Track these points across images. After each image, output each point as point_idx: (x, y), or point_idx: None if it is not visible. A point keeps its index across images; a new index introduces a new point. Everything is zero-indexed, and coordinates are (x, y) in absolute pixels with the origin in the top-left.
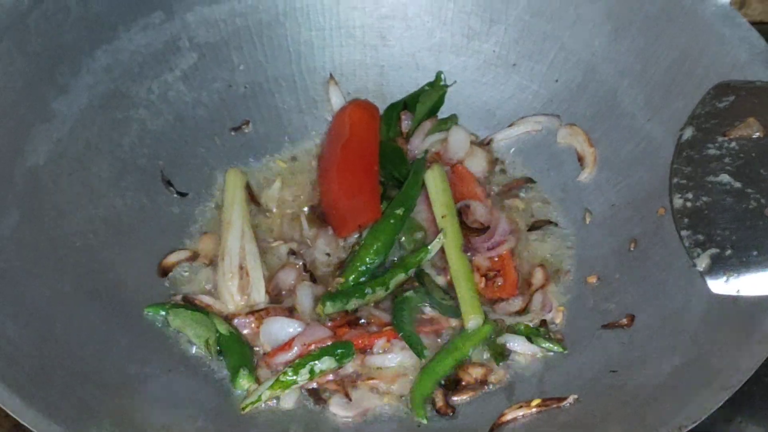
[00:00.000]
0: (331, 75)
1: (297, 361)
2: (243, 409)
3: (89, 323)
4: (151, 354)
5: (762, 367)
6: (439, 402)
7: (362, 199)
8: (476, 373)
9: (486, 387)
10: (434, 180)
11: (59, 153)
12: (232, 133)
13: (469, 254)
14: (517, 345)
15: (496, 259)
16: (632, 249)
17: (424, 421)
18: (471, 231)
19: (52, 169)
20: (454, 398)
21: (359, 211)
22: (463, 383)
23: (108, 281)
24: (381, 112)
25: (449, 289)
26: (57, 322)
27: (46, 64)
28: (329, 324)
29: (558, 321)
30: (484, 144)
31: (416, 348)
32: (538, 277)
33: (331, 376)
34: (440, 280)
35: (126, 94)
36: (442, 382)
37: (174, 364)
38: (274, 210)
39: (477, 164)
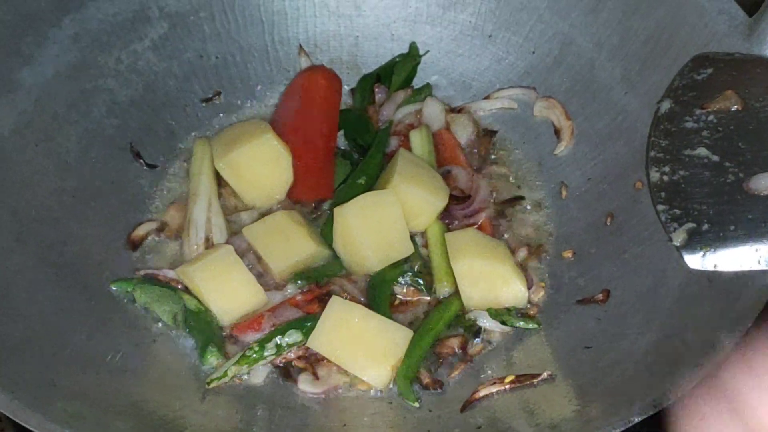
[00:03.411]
0: (300, 46)
1: (263, 336)
2: (209, 384)
3: (53, 297)
4: (118, 329)
5: None
6: (426, 379)
7: (314, 175)
8: (453, 343)
9: (471, 362)
10: (419, 142)
11: (24, 124)
12: (203, 104)
13: (446, 222)
14: (488, 322)
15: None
16: (608, 223)
17: (416, 405)
18: (450, 198)
19: (16, 140)
20: (449, 378)
21: (310, 188)
22: (444, 354)
23: (73, 255)
24: (355, 83)
25: (428, 262)
26: (19, 295)
27: (10, 33)
28: (299, 298)
29: (538, 297)
30: (457, 111)
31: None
32: (521, 254)
33: (300, 352)
34: (424, 252)
35: (94, 64)
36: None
37: (141, 338)
38: None
39: (462, 131)
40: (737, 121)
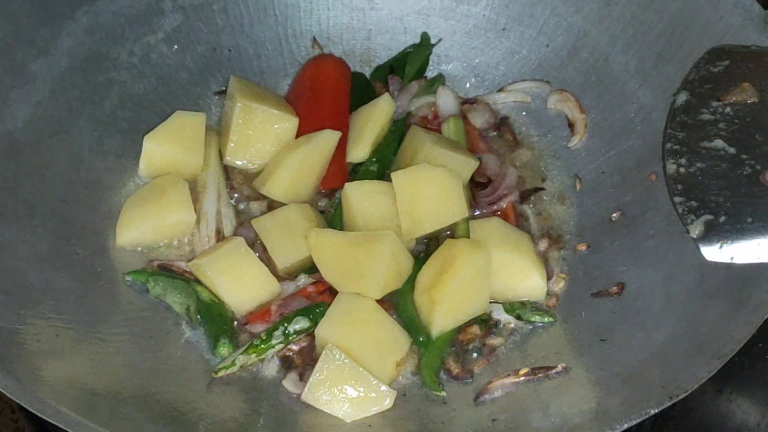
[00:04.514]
0: (314, 39)
1: (270, 326)
2: (216, 372)
3: (68, 289)
4: (132, 320)
5: (752, 337)
6: (455, 369)
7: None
8: (475, 330)
9: (494, 354)
10: (454, 131)
11: (39, 116)
12: (216, 97)
13: (471, 209)
14: (503, 315)
15: (499, 214)
16: (623, 216)
17: (443, 393)
18: (476, 185)
19: (31, 132)
20: (475, 369)
21: (325, 178)
22: (467, 341)
23: (88, 246)
24: (368, 75)
25: None
26: (34, 287)
27: (25, 25)
28: (311, 288)
29: (558, 288)
30: (471, 103)
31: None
32: (543, 245)
33: (305, 343)
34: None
35: (107, 56)
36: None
37: (155, 330)
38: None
39: (479, 119)
40: (754, 113)
